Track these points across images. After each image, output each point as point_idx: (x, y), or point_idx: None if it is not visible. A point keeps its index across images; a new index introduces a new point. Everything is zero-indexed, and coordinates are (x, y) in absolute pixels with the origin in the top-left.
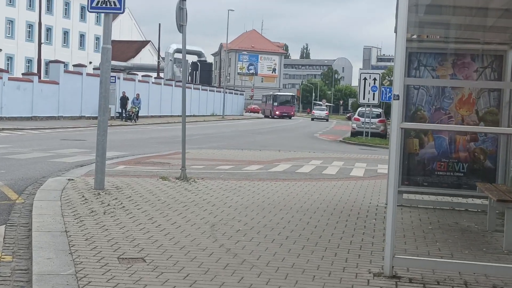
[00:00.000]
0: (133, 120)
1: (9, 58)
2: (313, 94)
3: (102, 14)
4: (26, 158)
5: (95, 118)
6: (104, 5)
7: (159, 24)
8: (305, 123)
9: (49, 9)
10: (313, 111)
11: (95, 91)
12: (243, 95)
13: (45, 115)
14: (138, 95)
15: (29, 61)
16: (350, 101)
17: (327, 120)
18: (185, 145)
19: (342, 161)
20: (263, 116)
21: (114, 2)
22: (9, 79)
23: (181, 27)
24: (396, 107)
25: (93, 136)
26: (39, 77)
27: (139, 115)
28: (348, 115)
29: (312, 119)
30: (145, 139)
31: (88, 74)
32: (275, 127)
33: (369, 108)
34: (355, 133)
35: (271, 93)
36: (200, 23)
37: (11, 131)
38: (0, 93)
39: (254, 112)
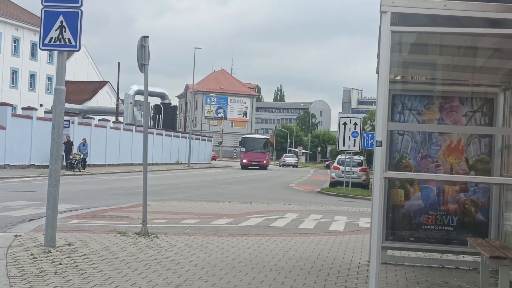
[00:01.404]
0: (76, 169)
1: None
2: (288, 140)
3: (55, 52)
4: None
5: (46, 166)
6: (57, 43)
7: (118, 63)
8: (280, 173)
9: None
10: (284, 157)
11: (46, 137)
12: (211, 141)
13: None
14: (85, 140)
15: None
16: (329, 148)
17: (296, 166)
18: (147, 197)
19: (320, 214)
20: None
21: (68, 39)
22: None
23: (142, 66)
24: (379, 155)
25: (43, 187)
26: None
27: (86, 163)
28: (326, 163)
29: (282, 166)
30: (101, 190)
31: (38, 118)
32: (246, 177)
33: (349, 156)
34: (334, 183)
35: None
36: (164, 62)
37: None
38: None
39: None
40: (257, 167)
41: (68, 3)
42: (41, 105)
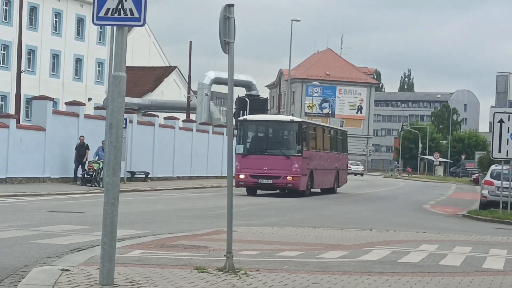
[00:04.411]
0: (94, 184)
1: None
2: (420, 145)
3: (108, 30)
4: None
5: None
6: (116, 15)
7: (190, 42)
8: (409, 188)
9: (32, 22)
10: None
11: (97, 140)
12: None
13: (25, 175)
14: (104, 143)
15: (3, 96)
16: (477, 155)
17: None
18: (232, 220)
19: (469, 245)
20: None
21: (130, 10)
22: None
23: (226, 45)
24: None
25: (95, 207)
26: (18, 121)
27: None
28: (474, 176)
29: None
30: (169, 212)
31: (87, 116)
32: (362, 194)
33: (508, 166)
34: (486, 204)
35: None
36: (250, 41)
37: None
38: None
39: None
40: (275, 189)
41: None
42: (90, 99)
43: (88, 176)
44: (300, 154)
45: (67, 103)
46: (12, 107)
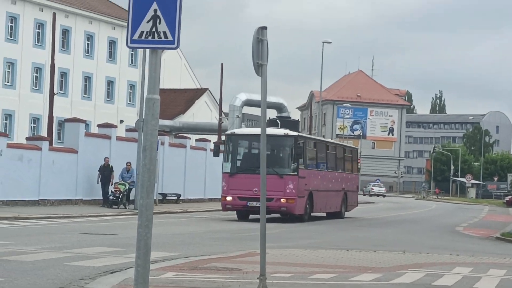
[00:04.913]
0: (121, 206)
1: (8, 116)
2: (452, 167)
3: (140, 53)
4: (33, 260)
5: (131, 201)
6: (150, 38)
7: (221, 64)
8: (441, 210)
9: (64, 45)
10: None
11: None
12: None
13: (57, 198)
14: (129, 164)
15: (36, 119)
16: (510, 177)
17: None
18: (265, 242)
19: (503, 268)
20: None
21: (164, 33)
22: (9, 145)
23: (259, 67)
24: None
25: (126, 229)
26: (50, 143)
27: (130, 197)
28: (507, 198)
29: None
30: (201, 233)
31: (119, 138)
32: (396, 216)
33: None
34: None
35: None
36: (281, 62)
37: (11, 221)
38: None
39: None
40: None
41: None
42: (121, 121)
43: (114, 198)
44: (295, 173)
45: (99, 125)
46: (44, 129)
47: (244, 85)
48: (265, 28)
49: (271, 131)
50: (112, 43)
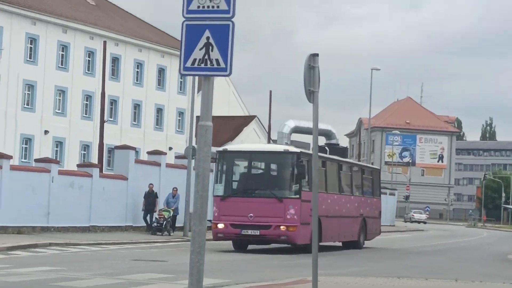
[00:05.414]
0: (165, 232)
1: (59, 143)
2: (503, 194)
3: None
4: (85, 286)
5: (179, 228)
6: (202, 65)
7: (270, 91)
8: (492, 238)
9: (114, 73)
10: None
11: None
12: (394, 195)
13: (108, 224)
14: (175, 190)
15: (86, 146)
16: None
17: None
18: (317, 270)
19: None
20: None
21: (216, 60)
22: (60, 172)
23: (311, 94)
24: None
25: (176, 255)
26: (101, 170)
27: (175, 224)
28: None
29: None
30: (249, 260)
31: (168, 165)
32: (446, 244)
33: None
34: None
35: None
36: (329, 89)
37: (62, 247)
38: (47, 193)
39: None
40: (264, 242)
41: (216, 13)
42: (170, 148)
43: (158, 225)
44: (297, 196)
45: (148, 152)
46: (94, 156)
47: (292, 112)
48: (317, 55)
49: (268, 147)
50: (161, 71)
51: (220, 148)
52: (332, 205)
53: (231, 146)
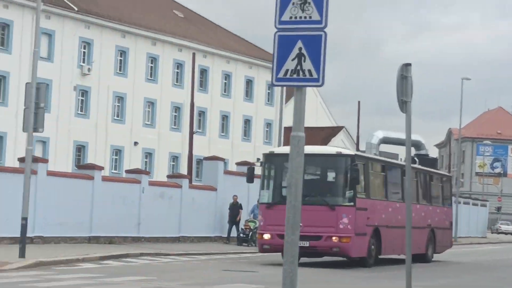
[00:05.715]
0: (251, 243)
1: (149, 154)
2: None
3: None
4: None
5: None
6: (295, 76)
7: (359, 102)
8: None
9: (202, 85)
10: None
11: None
12: (485, 206)
13: (197, 234)
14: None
15: (175, 157)
16: None
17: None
18: (411, 282)
19: None
20: None
21: (309, 71)
22: (150, 183)
23: (403, 104)
24: None
25: (267, 266)
26: (190, 180)
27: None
28: None
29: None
30: (336, 271)
31: (256, 176)
32: None
33: None
34: None
35: None
36: (418, 99)
37: (153, 257)
38: (138, 204)
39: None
40: (314, 255)
41: (308, 24)
42: (258, 159)
43: (244, 236)
44: (351, 203)
45: (237, 163)
46: (183, 167)
47: (381, 122)
48: (409, 64)
49: (320, 149)
50: (249, 82)
51: (267, 151)
52: (393, 214)
53: (278, 149)
